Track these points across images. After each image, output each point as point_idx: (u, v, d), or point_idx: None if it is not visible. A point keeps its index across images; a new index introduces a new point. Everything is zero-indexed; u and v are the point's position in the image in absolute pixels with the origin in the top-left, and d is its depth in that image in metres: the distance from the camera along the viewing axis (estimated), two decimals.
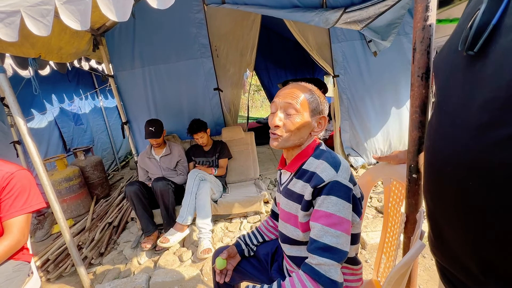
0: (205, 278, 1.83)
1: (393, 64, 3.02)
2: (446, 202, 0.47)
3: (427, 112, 0.71)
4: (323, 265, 0.68)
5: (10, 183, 1.20)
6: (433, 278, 1.63)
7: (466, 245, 0.44)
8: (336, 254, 0.69)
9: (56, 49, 2.40)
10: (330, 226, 0.70)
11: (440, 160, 0.47)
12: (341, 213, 0.71)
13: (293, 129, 0.81)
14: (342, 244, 0.70)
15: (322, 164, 0.78)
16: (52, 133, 3.72)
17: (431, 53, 0.66)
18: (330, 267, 0.68)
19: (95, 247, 2.29)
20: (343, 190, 0.73)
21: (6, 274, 1.19)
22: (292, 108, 0.80)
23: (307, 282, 0.67)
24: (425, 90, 0.69)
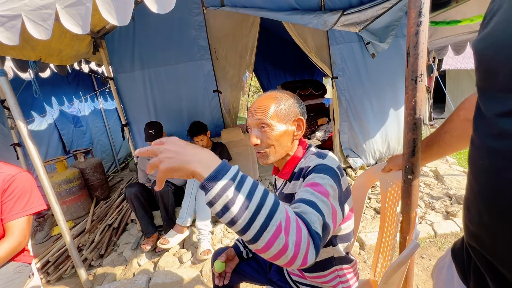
0: (205, 279, 1.84)
1: (391, 66, 3.04)
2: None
3: (421, 114, 0.73)
4: (309, 213, 0.58)
5: (12, 185, 1.21)
6: (431, 278, 1.64)
7: None
8: (321, 213, 0.60)
9: (56, 52, 2.41)
10: (316, 191, 0.65)
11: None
12: (327, 186, 0.67)
13: (271, 142, 0.80)
14: (326, 212, 0.61)
15: (310, 157, 0.81)
16: (52, 135, 3.73)
17: (424, 58, 0.68)
18: (315, 218, 0.58)
19: (95, 249, 2.29)
20: (329, 169, 0.73)
21: (7, 275, 1.19)
22: (263, 123, 0.79)
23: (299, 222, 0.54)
24: (419, 93, 0.70)
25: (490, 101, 0.41)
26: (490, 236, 0.41)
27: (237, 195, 0.48)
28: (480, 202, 0.42)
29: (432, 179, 2.85)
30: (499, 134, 0.38)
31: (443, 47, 3.61)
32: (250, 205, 0.48)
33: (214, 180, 0.48)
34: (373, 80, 3.07)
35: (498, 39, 0.38)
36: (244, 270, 1.13)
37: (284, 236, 0.48)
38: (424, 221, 2.12)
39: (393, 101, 3.18)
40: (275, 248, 0.48)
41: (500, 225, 0.39)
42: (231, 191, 0.47)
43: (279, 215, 0.50)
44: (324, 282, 0.87)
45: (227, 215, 0.47)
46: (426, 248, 1.90)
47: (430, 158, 0.83)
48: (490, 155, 0.40)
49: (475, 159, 0.44)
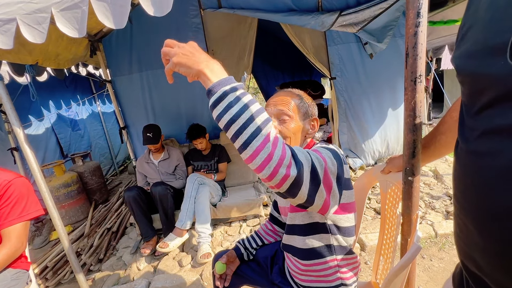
0: (205, 282, 1.83)
1: (389, 66, 3.05)
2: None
3: (421, 115, 0.72)
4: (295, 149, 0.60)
5: (8, 191, 1.20)
6: (432, 279, 1.63)
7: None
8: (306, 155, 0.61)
9: (53, 56, 2.40)
10: (311, 151, 0.66)
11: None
12: (326, 157, 0.67)
13: (289, 135, 0.82)
14: (318, 166, 0.63)
15: (315, 147, 0.81)
16: (49, 139, 3.71)
17: (423, 58, 0.68)
18: (301, 154, 0.60)
19: (94, 253, 2.27)
20: (332, 150, 0.75)
21: (5, 282, 1.18)
22: (284, 114, 0.82)
23: (285, 144, 0.58)
24: (418, 94, 0.70)
25: (475, 117, 0.40)
26: (483, 258, 0.39)
27: (238, 101, 0.54)
28: (470, 221, 0.40)
29: (432, 179, 2.85)
30: (487, 153, 0.37)
31: (440, 47, 3.62)
32: (246, 111, 0.54)
33: (220, 85, 0.55)
34: (371, 80, 3.07)
35: (477, 60, 0.38)
36: (245, 272, 1.13)
37: (270, 146, 0.54)
38: (424, 221, 2.12)
39: (391, 101, 3.18)
40: (261, 156, 0.53)
41: (491, 247, 0.37)
42: (233, 96, 0.54)
43: (269, 129, 0.55)
44: (322, 272, 0.85)
45: (226, 116, 0.54)
46: (427, 248, 1.89)
47: (429, 159, 0.83)
48: (478, 174, 0.38)
49: (461, 176, 0.43)
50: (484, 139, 0.37)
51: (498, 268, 0.37)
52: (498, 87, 0.35)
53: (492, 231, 0.37)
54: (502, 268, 0.36)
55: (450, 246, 1.88)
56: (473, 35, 0.40)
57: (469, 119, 0.41)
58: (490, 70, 0.36)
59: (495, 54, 0.35)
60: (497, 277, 0.37)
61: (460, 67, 0.42)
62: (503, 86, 0.34)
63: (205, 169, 2.60)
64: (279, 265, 1.08)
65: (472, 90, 0.40)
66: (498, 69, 0.34)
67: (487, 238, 0.37)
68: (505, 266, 0.36)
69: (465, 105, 0.43)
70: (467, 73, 0.41)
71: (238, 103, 0.54)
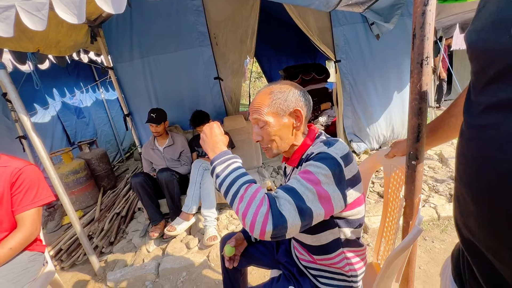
0: (212, 263, 1.90)
1: (396, 47, 2.95)
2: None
3: (426, 99, 0.71)
4: (281, 198, 0.66)
5: (19, 178, 1.24)
6: (433, 260, 1.67)
7: None
8: (297, 198, 0.66)
9: (54, 43, 2.38)
10: (303, 178, 0.69)
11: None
12: (319, 175, 0.69)
13: (272, 138, 0.83)
14: (308, 197, 0.67)
15: (318, 145, 0.81)
16: (56, 127, 3.75)
17: (431, 39, 0.65)
18: (285, 202, 0.65)
19: (105, 237, 2.37)
20: (329, 159, 0.71)
21: (22, 264, 1.24)
22: (260, 121, 0.83)
23: (264, 200, 0.65)
24: (424, 77, 0.68)
25: (480, 92, 0.41)
26: (476, 224, 0.42)
27: (222, 172, 0.73)
28: (467, 192, 0.43)
29: (437, 162, 2.83)
30: (489, 125, 0.38)
31: (450, 25, 3.46)
32: (226, 179, 0.71)
33: (213, 161, 0.76)
34: (377, 62, 2.99)
35: (488, 33, 0.38)
36: (252, 253, 1.17)
37: (244, 207, 0.65)
38: (427, 204, 2.13)
39: (397, 84, 3.11)
40: (239, 214, 0.66)
41: (484, 214, 0.40)
42: (219, 168, 0.74)
43: (247, 191, 0.67)
44: (331, 264, 0.88)
45: (216, 182, 0.74)
46: (429, 230, 1.92)
47: (434, 143, 0.82)
48: (478, 147, 0.40)
49: (463, 150, 0.44)
50: (487, 113, 0.39)
51: (488, 233, 0.39)
52: (504, 60, 0.35)
53: (486, 199, 0.39)
54: (492, 233, 0.39)
55: (452, 228, 1.90)
56: (488, 9, 0.40)
57: (475, 95, 0.42)
58: (498, 43, 0.36)
59: (504, 27, 0.34)
60: (487, 241, 0.40)
61: (471, 42, 0.42)
62: (508, 60, 0.34)
63: None
64: (285, 246, 1.12)
65: (480, 65, 0.41)
66: (506, 42, 0.34)
67: (481, 206, 0.40)
68: (495, 231, 0.38)
69: (472, 82, 0.44)
70: (477, 48, 0.41)
71: (222, 174, 0.72)
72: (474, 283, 0.46)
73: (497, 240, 0.38)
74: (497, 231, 0.38)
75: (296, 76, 4.92)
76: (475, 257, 0.44)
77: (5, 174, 1.21)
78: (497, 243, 0.38)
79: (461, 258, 0.52)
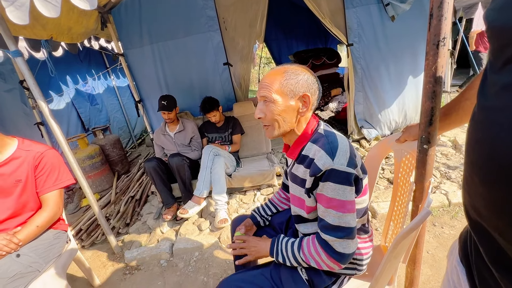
0: (223, 245, 1.98)
1: (412, 29, 2.83)
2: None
3: (441, 82, 0.70)
4: (330, 241, 0.77)
5: (42, 161, 1.31)
6: (442, 245, 1.68)
7: None
8: (339, 232, 0.76)
9: (66, 30, 2.41)
10: (332, 208, 0.76)
11: None
12: (341, 196, 0.75)
13: (275, 117, 0.83)
14: (346, 222, 0.76)
15: (319, 152, 0.78)
16: (71, 114, 3.87)
17: (449, 19, 0.63)
18: (334, 242, 0.76)
19: (121, 218, 2.48)
20: (341, 176, 0.74)
21: (48, 241, 1.34)
22: (267, 98, 0.83)
23: (319, 249, 0.79)
24: (440, 59, 0.66)
25: (497, 73, 0.40)
26: (483, 205, 0.42)
27: (279, 255, 0.90)
28: (476, 173, 0.43)
29: (450, 149, 2.77)
30: (503, 107, 0.38)
31: (472, 4, 3.27)
32: (291, 260, 0.87)
33: (271, 255, 0.92)
34: (391, 45, 2.88)
35: (507, 11, 0.37)
36: (261, 237, 1.21)
37: (316, 264, 0.82)
38: (438, 191, 2.12)
39: (412, 68, 3.01)
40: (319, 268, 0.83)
41: (492, 194, 0.40)
42: (279, 256, 0.90)
43: (305, 254, 0.83)
44: None
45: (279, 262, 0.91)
46: (439, 216, 1.92)
47: (447, 127, 0.81)
48: (490, 128, 0.40)
49: (474, 132, 0.44)
50: (502, 93, 0.38)
51: (495, 213, 0.40)
52: None
53: (495, 180, 0.39)
54: (499, 213, 0.40)
55: (463, 215, 1.89)
56: None
57: (492, 75, 0.42)
58: None
59: None
60: (494, 221, 0.41)
61: (490, 20, 0.41)
62: None
63: (219, 141, 2.66)
64: (293, 229, 1.15)
65: (498, 44, 0.40)
66: None
67: (490, 187, 0.41)
68: (503, 211, 0.39)
69: (490, 62, 0.44)
70: (495, 27, 0.41)
71: (279, 258, 0.89)
72: (480, 263, 0.48)
73: (504, 220, 0.39)
74: (505, 212, 0.39)
75: (306, 61, 4.83)
76: (482, 238, 0.45)
77: (28, 158, 1.28)
78: (504, 222, 0.39)
79: (469, 240, 0.54)
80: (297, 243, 0.86)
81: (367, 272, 1.00)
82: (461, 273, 0.54)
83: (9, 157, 1.26)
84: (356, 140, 3.22)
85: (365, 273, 0.99)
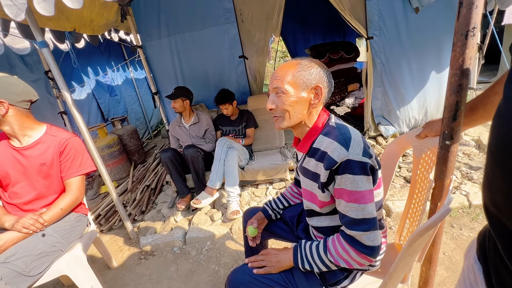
0: (234, 236, 2.01)
1: (437, 22, 2.69)
2: None
3: (468, 75, 0.66)
4: (355, 236, 0.76)
5: (67, 148, 1.37)
6: (459, 247, 1.62)
7: None
8: (364, 225, 0.75)
9: (88, 22, 2.49)
10: (353, 202, 0.75)
11: None
12: (361, 187, 0.74)
13: (286, 108, 0.82)
14: (369, 213, 0.75)
15: (332, 144, 0.77)
16: (91, 104, 4.01)
17: (480, 8, 0.60)
18: (362, 237, 0.75)
19: (137, 206, 2.58)
20: (358, 166, 0.73)
21: (71, 223, 1.41)
22: (279, 89, 0.82)
23: (347, 247, 0.77)
24: (468, 50, 0.63)
25: None
26: (503, 200, 0.41)
27: (304, 263, 0.86)
28: (498, 167, 0.42)
29: (473, 149, 2.65)
30: None
31: None
32: (318, 264, 0.83)
33: (296, 264, 0.87)
34: (414, 39, 2.76)
35: None
36: (273, 230, 1.22)
37: (345, 263, 0.79)
38: (458, 191, 2.03)
39: (435, 63, 2.88)
40: (349, 267, 0.81)
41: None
42: (304, 263, 0.86)
43: (333, 255, 0.80)
44: None
45: (309, 267, 0.85)
46: (458, 218, 1.85)
47: (472, 123, 0.77)
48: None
49: (498, 124, 0.43)
50: None
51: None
52: None
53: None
54: None
55: (483, 217, 1.81)
56: None
57: None
58: None
59: None
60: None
61: None
62: None
63: (233, 134, 2.68)
64: (305, 224, 1.15)
65: None
66: None
67: (510, 181, 0.39)
68: None
69: None
70: None
71: (306, 265, 0.85)
72: (498, 260, 0.47)
73: None
74: None
75: (323, 55, 4.71)
76: (501, 233, 0.45)
77: (54, 143, 1.35)
78: None
79: (487, 237, 0.52)
80: (322, 245, 0.83)
81: (380, 269, 0.99)
82: (478, 271, 0.53)
83: (36, 141, 1.33)
84: (372, 137, 3.14)
85: (378, 270, 0.98)
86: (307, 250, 0.86)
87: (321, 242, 0.84)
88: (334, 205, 0.83)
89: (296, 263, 0.86)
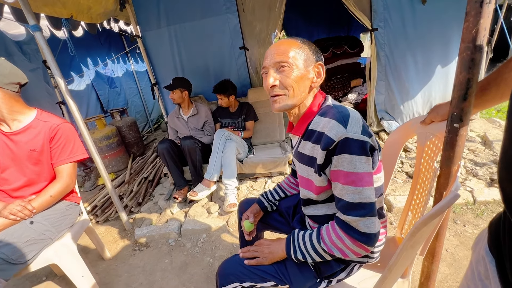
0: (231, 228, 1.96)
1: (445, 13, 2.60)
2: None
3: (482, 49, 0.60)
4: (350, 222, 0.70)
5: (57, 133, 1.33)
6: (463, 244, 1.56)
7: None
8: (360, 210, 0.69)
9: (85, 9, 2.43)
10: (349, 184, 0.69)
11: None
12: (358, 169, 0.68)
13: (291, 83, 0.76)
14: (367, 197, 0.69)
15: (330, 122, 0.71)
16: (91, 95, 3.98)
17: None
18: (358, 223, 0.69)
19: (134, 198, 2.54)
20: (356, 145, 0.68)
21: (61, 211, 1.37)
22: (283, 63, 0.75)
23: (341, 234, 0.71)
24: (483, 20, 0.57)
25: None
26: None
27: (297, 253, 0.80)
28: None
29: (478, 145, 2.57)
30: None
31: None
32: (311, 254, 0.78)
33: (289, 255, 0.83)
34: (420, 31, 2.67)
35: None
36: (268, 221, 1.18)
37: (340, 252, 0.73)
38: (462, 187, 1.97)
39: (442, 56, 2.79)
40: (344, 258, 0.74)
41: None
42: (297, 253, 0.80)
43: (326, 243, 0.74)
44: None
45: (311, 260, 0.80)
46: (462, 214, 1.79)
47: (484, 105, 0.70)
48: None
49: None
50: None
51: None
52: None
53: None
54: None
55: (489, 214, 1.75)
56: None
57: None
58: None
59: None
60: None
61: None
62: None
63: (232, 127, 2.63)
64: (300, 215, 1.10)
65: None
66: None
67: None
68: None
69: None
70: None
71: (299, 256, 0.80)
72: None
73: None
74: None
75: (327, 50, 4.62)
76: None
77: (45, 128, 1.31)
78: None
79: (502, 226, 0.47)
80: (315, 233, 0.77)
81: (379, 263, 0.94)
82: (490, 264, 0.48)
83: (26, 126, 1.29)
84: (375, 132, 3.07)
85: (377, 264, 0.93)
86: (300, 239, 0.80)
87: (314, 231, 0.79)
88: (331, 190, 0.78)
89: (289, 253, 0.82)
